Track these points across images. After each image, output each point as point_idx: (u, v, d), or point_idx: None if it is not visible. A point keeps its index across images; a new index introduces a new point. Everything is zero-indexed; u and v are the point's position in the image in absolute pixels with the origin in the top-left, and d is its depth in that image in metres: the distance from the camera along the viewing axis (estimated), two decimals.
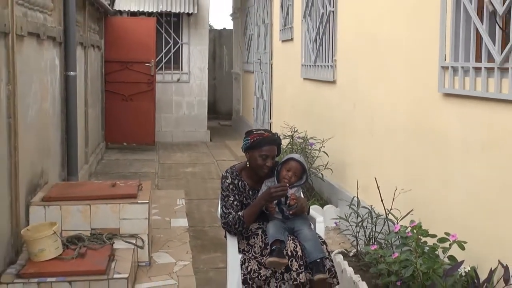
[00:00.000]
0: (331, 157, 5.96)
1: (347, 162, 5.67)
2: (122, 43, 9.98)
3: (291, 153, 3.64)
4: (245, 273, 3.36)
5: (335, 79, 6.05)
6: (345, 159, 5.72)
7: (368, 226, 4.35)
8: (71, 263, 3.75)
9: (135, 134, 10.19)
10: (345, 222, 4.51)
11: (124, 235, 4.38)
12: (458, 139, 3.61)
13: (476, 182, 3.40)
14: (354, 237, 4.45)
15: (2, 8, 3.65)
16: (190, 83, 11.67)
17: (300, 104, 7.57)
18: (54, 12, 5.56)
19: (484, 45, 3.29)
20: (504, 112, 3.14)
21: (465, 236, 3.32)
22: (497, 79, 3.16)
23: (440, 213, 3.78)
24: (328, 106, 6.33)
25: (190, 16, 11.42)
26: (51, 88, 5.34)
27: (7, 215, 3.81)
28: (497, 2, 3.16)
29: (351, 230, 4.49)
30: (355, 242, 4.44)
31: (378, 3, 4.90)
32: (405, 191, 4.21)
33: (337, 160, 5.87)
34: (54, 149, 5.47)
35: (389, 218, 4.14)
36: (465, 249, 3.26)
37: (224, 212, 3.53)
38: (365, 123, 5.24)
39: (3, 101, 3.70)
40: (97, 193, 4.55)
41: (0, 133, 3.66)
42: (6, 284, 3.53)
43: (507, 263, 3.05)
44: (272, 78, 9.28)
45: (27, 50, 4.35)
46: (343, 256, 4.19)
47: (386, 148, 4.73)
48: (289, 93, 8.16)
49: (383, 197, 4.31)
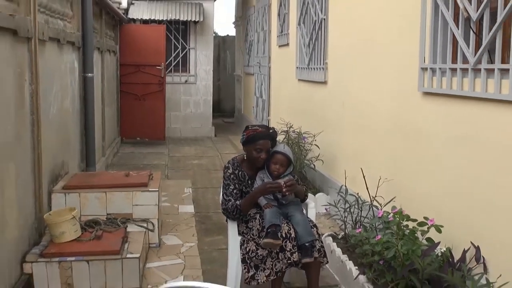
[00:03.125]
0: (322, 150, 5.97)
1: (337, 154, 5.68)
2: (135, 48, 9.98)
3: (278, 146, 3.61)
4: (244, 253, 3.39)
5: (326, 80, 6.06)
6: (334, 152, 5.73)
7: (354, 211, 4.37)
8: (88, 244, 3.77)
9: (147, 130, 10.20)
10: (334, 208, 4.54)
11: (136, 219, 4.40)
12: (436, 133, 3.63)
13: (451, 172, 3.42)
14: (342, 222, 4.48)
15: (26, 15, 3.66)
16: (196, 84, 11.67)
17: (295, 102, 7.58)
18: (73, 19, 5.57)
19: (460, 48, 3.30)
20: (477, 109, 3.15)
21: (442, 220, 3.33)
22: (470, 79, 3.17)
23: (419, 200, 3.80)
24: (320, 105, 6.34)
25: (197, 24, 11.41)
26: (71, 88, 5.35)
27: (31, 201, 3.83)
28: (471, 10, 3.17)
29: (340, 215, 4.51)
30: (343, 226, 4.47)
31: (364, 12, 4.90)
32: (388, 180, 4.23)
33: (328, 152, 5.88)
34: (74, 143, 5.49)
35: (373, 204, 4.16)
36: (442, 232, 3.27)
37: (224, 199, 3.55)
38: (352, 120, 5.25)
39: (27, 99, 3.72)
40: (113, 182, 4.57)
41: (24, 128, 3.68)
42: (30, 262, 3.55)
43: (478, 244, 3.07)
44: (270, 80, 9.28)
45: (48, 54, 4.36)
46: (332, 238, 4.22)
47: (371, 141, 4.75)
48: (285, 93, 8.16)
49: (368, 186, 4.33)
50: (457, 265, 3.09)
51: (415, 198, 3.85)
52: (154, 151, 9.48)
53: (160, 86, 10.18)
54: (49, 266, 3.57)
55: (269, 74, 9.30)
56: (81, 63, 5.88)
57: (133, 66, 10.00)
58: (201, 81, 11.67)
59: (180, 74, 11.62)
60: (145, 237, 4.20)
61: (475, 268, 3.04)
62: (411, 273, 3.14)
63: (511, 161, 2.84)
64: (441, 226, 3.28)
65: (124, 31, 9.98)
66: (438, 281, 3.03)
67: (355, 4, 5.18)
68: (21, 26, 3.49)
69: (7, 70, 3.33)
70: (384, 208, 3.88)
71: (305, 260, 3.31)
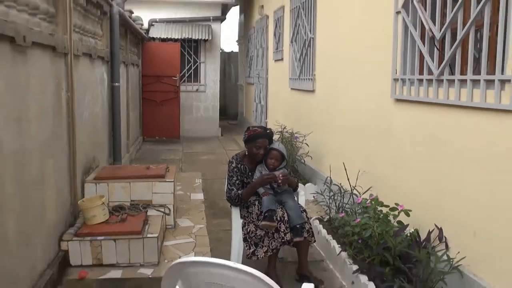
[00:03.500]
0: (311, 147, 5.96)
1: (323, 151, 5.68)
2: (155, 62, 9.96)
3: (273, 144, 3.62)
4: (245, 233, 3.39)
5: (314, 89, 6.05)
6: (321, 149, 5.73)
7: (338, 198, 4.38)
8: (115, 226, 3.78)
9: (165, 130, 10.19)
10: (321, 196, 4.55)
11: (155, 205, 4.39)
12: (405, 133, 3.62)
13: (417, 165, 3.42)
14: (327, 207, 4.48)
15: (63, 34, 3.65)
16: (206, 92, 11.65)
17: (288, 108, 7.57)
18: (103, 38, 5.55)
19: (426, 62, 3.29)
20: (439, 113, 3.15)
21: (410, 206, 3.33)
22: (435, 88, 3.17)
23: (391, 189, 3.79)
24: (309, 109, 6.33)
25: (206, 42, 11.39)
26: (101, 95, 5.34)
27: (67, 190, 3.83)
28: (435, 30, 3.16)
29: (325, 202, 4.52)
30: (328, 211, 4.47)
31: (346, 32, 4.89)
32: (365, 173, 4.24)
33: (315, 149, 5.87)
34: (103, 141, 5.48)
35: (353, 192, 4.17)
36: (410, 216, 3.28)
37: (228, 188, 3.55)
38: (336, 122, 5.24)
39: (63, 105, 3.71)
40: (135, 174, 4.56)
41: (62, 129, 3.67)
42: (67, 241, 3.56)
43: (441, 226, 3.08)
44: (267, 88, 9.28)
45: (82, 67, 4.35)
46: (319, 221, 4.22)
47: (351, 140, 4.74)
48: (280, 99, 8.15)
49: (349, 177, 4.33)
50: (423, 243, 3.09)
51: (388, 188, 3.84)
52: (170, 148, 9.48)
53: (175, 94, 10.17)
54: (82, 244, 3.58)
55: (267, 84, 9.30)
56: (109, 74, 5.87)
57: (153, 77, 9.99)
58: (210, 90, 11.65)
59: (192, 83, 11.60)
60: (162, 220, 4.20)
61: (438, 246, 3.04)
62: (384, 250, 3.14)
63: (466, 156, 2.84)
64: (409, 210, 3.28)
65: (145, 48, 9.97)
66: (407, 257, 3.03)
67: (338, 26, 5.16)
68: (59, 43, 3.48)
69: (48, 81, 3.33)
70: (362, 196, 3.87)
71: (296, 239, 3.31)
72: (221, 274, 1.68)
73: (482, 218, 2.71)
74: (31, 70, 2.96)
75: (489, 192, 2.65)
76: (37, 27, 3.06)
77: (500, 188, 2.57)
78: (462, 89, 2.89)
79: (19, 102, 2.75)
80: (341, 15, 5.05)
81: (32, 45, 2.89)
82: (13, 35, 2.55)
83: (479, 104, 2.70)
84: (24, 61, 2.84)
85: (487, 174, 2.67)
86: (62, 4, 3.63)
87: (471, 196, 2.81)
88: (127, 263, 3.64)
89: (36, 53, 3.06)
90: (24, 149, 2.81)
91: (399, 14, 3.62)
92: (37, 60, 3.08)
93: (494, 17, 2.67)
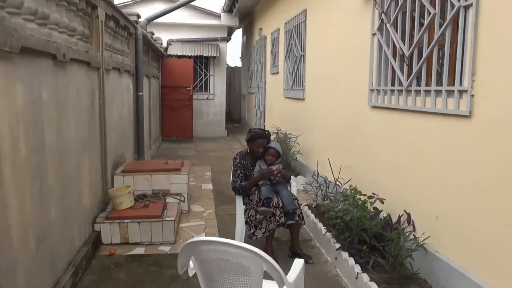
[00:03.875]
0: (302, 146, 5.96)
1: (311, 149, 5.68)
2: (172, 75, 9.94)
3: (271, 143, 3.62)
4: (247, 217, 3.39)
5: (304, 98, 6.04)
6: (310, 147, 5.73)
7: (323, 188, 4.37)
8: (139, 211, 3.79)
9: (180, 132, 10.16)
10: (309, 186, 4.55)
11: (172, 193, 4.39)
12: (379, 134, 3.62)
13: (389, 161, 3.41)
14: (315, 195, 4.48)
15: (96, 52, 3.65)
16: (214, 100, 11.63)
17: (283, 113, 7.56)
18: (129, 55, 5.55)
19: (397, 75, 3.29)
20: (408, 118, 3.14)
21: (384, 195, 3.34)
22: (404, 97, 3.17)
23: (368, 180, 3.79)
24: (300, 115, 6.32)
25: (215, 58, 11.37)
26: (127, 102, 5.33)
27: (100, 181, 3.83)
28: (405, 49, 3.16)
29: (313, 191, 4.51)
30: (315, 199, 4.47)
31: (330, 50, 4.88)
32: (347, 167, 4.23)
33: (305, 148, 5.87)
34: (129, 141, 5.48)
35: (336, 183, 4.16)
36: (384, 203, 3.28)
37: (233, 180, 3.54)
38: (322, 125, 5.24)
39: (96, 110, 3.71)
40: (156, 167, 4.55)
41: (95, 130, 3.67)
42: (99, 223, 3.56)
43: (409, 211, 3.08)
44: (265, 97, 9.26)
45: (111, 78, 4.35)
46: (308, 207, 4.22)
47: (335, 140, 4.74)
48: (276, 106, 8.14)
49: (333, 171, 4.33)
50: (394, 226, 3.09)
51: (365, 179, 3.84)
52: (185, 146, 9.47)
53: (189, 101, 10.15)
54: (112, 226, 3.58)
55: (265, 93, 9.28)
56: (135, 85, 5.87)
57: (170, 87, 9.96)
58: (218, 98, 11.63)
59: (203, 93, 11.58)
60: (178, 206, 4.20)
61: (407, 228, 3.04)
62: (362, 231, 3.15)
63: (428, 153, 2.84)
64: (383, 199, 3.28)
65: (164, 63, 9.95)
66: (381, 237, 3.04)
67: (324, 45, 5.16)
68: (93, 59, 3.48)
69: (84, 90, 3.32)
70: (344, 186, 3.88)
71: (289, 222, 3.32)
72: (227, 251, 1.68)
73: (442, 205, 2.71)
74: (69, 81, 2.96)
75: (447, 184, 2.66)
76: (74, 46, 3.06)
77: (455, 181, 2.57)
78: (427, 98, 2.89)
79: (60, 108, 2.76)
80: (327, 36, 5.04)
81: (70, 61, 2.89)
82: (55, 53, 2.56)
83: (441, 110, 2.70)
84: (64, 74, 2.84)
85: (447, 169, 2.67)
86: (95, 27, 3.63)
87: (433, 187, 2.80)
88: (149, 241, 3.65)
89: (74, 68, 3.06)
90: (64, 147, 2.82)
91: (375, 35, 3.62)
92: (74, 73, 3.08)
93: (453, 38, 2.67)
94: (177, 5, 7.81)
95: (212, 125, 11.64)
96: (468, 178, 2.47)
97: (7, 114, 2.02)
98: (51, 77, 2.61)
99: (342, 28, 4.49)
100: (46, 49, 2.43)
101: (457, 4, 2.53)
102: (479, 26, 2.38)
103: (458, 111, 2.54)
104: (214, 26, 11.22)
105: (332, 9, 4.83)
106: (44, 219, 2.46)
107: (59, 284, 2.61)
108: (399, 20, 3.27)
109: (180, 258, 1.78)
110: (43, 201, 2.44)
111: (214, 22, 11.17)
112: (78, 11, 3.23)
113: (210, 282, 1.80)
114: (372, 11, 3.66)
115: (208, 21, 11.15)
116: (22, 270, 2.16)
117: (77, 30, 3.15)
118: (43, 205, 2.44)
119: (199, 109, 11.47)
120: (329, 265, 3.32)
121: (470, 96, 2.43)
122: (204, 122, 11.60)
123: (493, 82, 2.29)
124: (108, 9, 3.99)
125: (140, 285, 2.94)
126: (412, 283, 2.72)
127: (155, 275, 3.08)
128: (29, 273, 2.24)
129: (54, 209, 2.63)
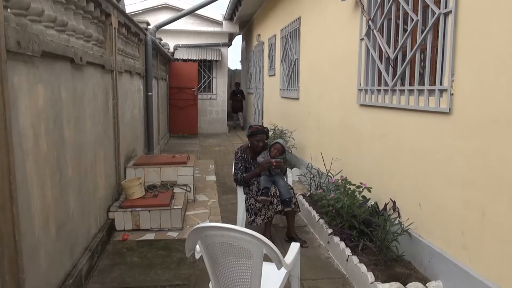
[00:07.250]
0: (296, 141, 5.96)
1: (305, 143, 5.68)
2: (178, 77, 9.91)
3: (277, 139, 3.63)
4: (247, 205, 3.39)
5: (299, 97, 6.03)
6: (304, 142, 5.73)
7: (316, 179, 4.38)
8: (149, 200, 3.79)
9: (186, 128, 10.15)
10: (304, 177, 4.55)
11: (179, 184, 4.40)
12: (367, 130, 3.62)
13: (376, 154, 3.42)
14: (309, 186, 4.48)
15: (110, 56, 3.63)
16: (217, 99, 11.60)
17: (279, 111, 7.55)
18: (139, 59, 5.52)
19: (383, 76, 3.28)
20: (393, 115, 3.14)
21: (371, 184, 3.34)
22: (389, 96, 3.16)
23: (357, 172, 3.80)
24: (294, 113, 6.32)
25: (217, 62, 11.33)
26: (138, 102, 5.32)
27: (114, 173, 3.83)
28: (390, 52, 3.15)
29: (307, 182, 4.52)
30: (309, 188, 4.48)
31: (322, 54, 4.87)
32: (337, 160, 4.24)
33: (300, 142, 5.88)
34: (140, 137, 5.47)
35: (328, 175, 4.17)
36: (371, 192, 3.29)
37: (235, 173, 3.54)
38: (315, 122, 5.24)
39: (110, 109, 3.70)
40: (164, 161, 4.55)
41: (109, 127, 3.66)
42: (113, 211, 3.57)
43: (395, 199, 3.08)
44: (263, 97, 9.25)
45: (124, 80, 4.33)
46: (302, 196, 4.22)
47: (327, 136, 4.74)
48: (273, 105, 8.13)
49: (325, 163, 4.34)
50: (381, 212, 3.10)
51: (354, 171, 3.85)
52: (190, 142, 9.46)
53: (194, 101, 10.12)
54: (124, 214, 3.59)
55: (263, 94, 9.26)
56: (145, 86, 5.84)
57: (177, 88, 9.94)
58: (220, 98, 11.60)
59: (207, 93, 11.55)
60: (185, 196, 4.20)
61: (393, 214, 3.05)
62: (352, 218, 3.16)
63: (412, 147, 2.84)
64: (371, 188, 3.29)
65: (171, 66, 9.92)
66: (369, 222, 3.05)
67: (316, 50, 5.14)
68: (107, 62, 3.46)
69: (99, 90, 3.31)
70: (335, 177, 3.88)
71: (286, 209, 3.32)
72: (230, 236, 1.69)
73: (425, 194, 2.72)
74: (86, 82, 2.95)
75: (429, 175, 2.66)
76: (90, 51, 3.05)
77: (437, 173, 2.58)
78: (411, 97, 2.88)
79: (77, 107, 2.75)
80: (319, 41, 5.02)
81: (87, 64, 2.88)
82: (72, 57, 2.54)
83: (424, 108, 2.70)
84: (81, 76, 2.83)
85: (429, 162, 2.67)
86: (109, 33, 3.61)
87: (417, 177, 2.81)
88: (158, 228, 3.65)
89: (90, 70, 3.05)
90: (81, 142, 2.81)
91: (363, 40, 3.61)
92: (90, 75, 3.07)
93: (434, 42, 2.67)
94: (183, 14, 7.78)
95: (215, 123, 11.63)
96: (449, 170, 2.47)
97: (30, 113, 2.01)
98: (70, 79, 2.60)
99: (333, 34, 4.48)
100: (65, 53, 2.42)
101: (438, 12, 2.53)
102: (458, 31, 2.38)
103: (439, 109, 2.54)
104: (216, 33, 11.17)
105: (324, 17, 4.81)
106: (63, 208, 2.45)
107: (76, 267, 2.61)
108: (385, 26, 3.26)
109: (188, 242, 1.78)
110: (62, 192, 2.44)
111: (216, 29, 11.12)
112: (93, 19, 3.21)
113: (215, 264, 1.81)
114: (360, 18, 3.65)
115: (211, 28, 11.11)
116: (44, 254, 2.16)
117: (93, 36, 3.13)
118: (62, 195, 2.44)
119: (203, 108, 11.45)
120: (322, 249, 3.33)
121: (450, 94, 2.43)
122: (208, 120, 11.58)
123: (470, 82, 2.29)
124: (120, 17, 3.97)
125: (150, 267, 2.95)
126: (398, 265, 2.73)
127: (164, 258, 3.09)
128: (50, 257, 2.24)
129: (73, 199, 2.63)
